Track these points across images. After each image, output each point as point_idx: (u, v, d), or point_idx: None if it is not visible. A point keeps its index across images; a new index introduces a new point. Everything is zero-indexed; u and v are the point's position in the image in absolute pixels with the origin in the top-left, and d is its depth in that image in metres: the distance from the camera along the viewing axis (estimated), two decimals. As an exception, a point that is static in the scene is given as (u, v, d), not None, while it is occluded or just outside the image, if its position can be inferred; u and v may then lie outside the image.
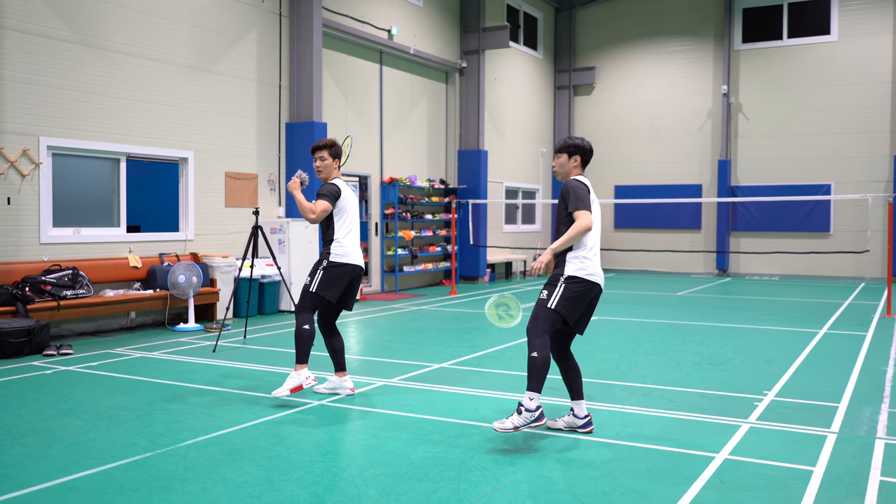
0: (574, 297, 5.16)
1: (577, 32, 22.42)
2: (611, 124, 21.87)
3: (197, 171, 11.68)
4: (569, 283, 5.15)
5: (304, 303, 6.32)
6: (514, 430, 5.02)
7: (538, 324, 5.11)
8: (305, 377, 6.30)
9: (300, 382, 6.29)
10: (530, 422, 5.04)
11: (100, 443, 5.17)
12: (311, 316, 6.32)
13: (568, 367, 5.43)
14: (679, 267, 21.11)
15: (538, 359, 5.01)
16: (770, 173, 19.98)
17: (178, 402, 6.29)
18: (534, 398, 5.03)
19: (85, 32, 10.09)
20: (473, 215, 17.78)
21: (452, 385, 6.97)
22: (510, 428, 5.01)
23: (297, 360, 6.30)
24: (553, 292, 5.15)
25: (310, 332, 6.26)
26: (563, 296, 5.13)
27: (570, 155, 5.40)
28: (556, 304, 5.12)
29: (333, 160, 6.57)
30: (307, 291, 6.31)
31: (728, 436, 5.33)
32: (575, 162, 5.39)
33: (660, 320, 11.43)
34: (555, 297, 5.13)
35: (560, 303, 5.12)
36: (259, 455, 4.89)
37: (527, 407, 5.02)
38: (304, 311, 6.30)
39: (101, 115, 10.31)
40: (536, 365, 5.02)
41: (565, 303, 5.13)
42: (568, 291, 5.15)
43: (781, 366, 7.90)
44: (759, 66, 20.13)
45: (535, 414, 5.03)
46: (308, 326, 6.25)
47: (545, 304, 5.14)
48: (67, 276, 9.58)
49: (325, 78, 14.14)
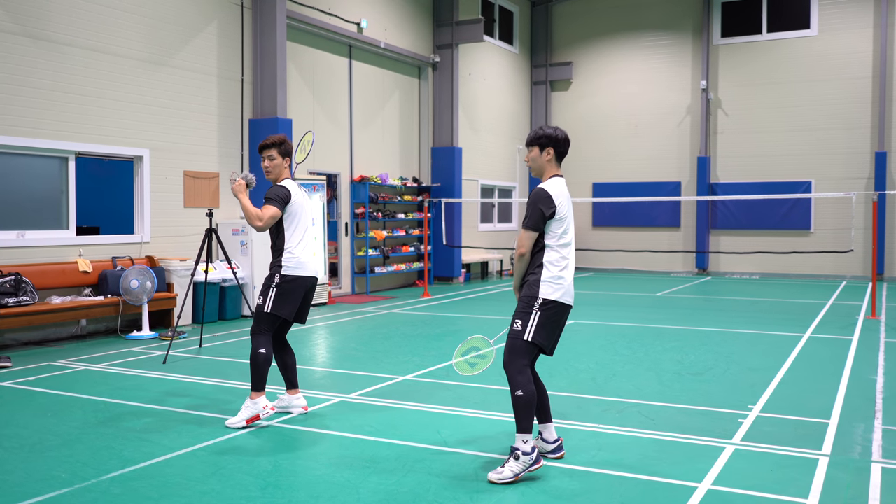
0: (550, 323, 4.64)
1: (554, 27, 21.97)
2: (588, 120, 21.44)
3: (153, 170, 11.09)
4: (544, 310, 4.61)
5: (260, 324, 5.74)
6: (515, 479, 4.48)
7: (516, 358, 4.59)
8: (262, 406, 5.68)
9: (256, 412, 5.66)
10: (529, 466, 4.51)
11: (14, 476, 4.62)
12: (268, 338, 5.74)
13: (535, 389, 4.93)
14: (658, 266, 20.73)
15: (523, 397, 4.51)
16: (750, 170, 19.64)
17: (113, 425, 5.74)
18: (527, 440, 4.51)
19: (29, 23, 9.48)
20: (447, 214, 17.27)
21: (415, 401, 6.46)
22: (510, 477, 4.46)
23: (252, 388, 5.69)
24: (527, 321, 4.61)
25: (266, 356, 5.68)
26: (539, 324, 4.60)
27: (542, 147, 4.78)
28: (532, 335, 4.59)
29: (283, 159, 6.00)
30: (261, 312, 5.76)
31: (711, 461, 4.87)
32: (548, 155, 4.78)
33: (638, 324, 10.99)
34: (530, 327, 4.60)
35: (537, 333, 4.60)
36: (189, 490, 4.37)
37: (523, 451, 4.50)
38: (260, 334, 5.72)
39: (48, 112, 9.70)
40: (522, 403, 4.51)
41: (542, 332, 4.61)
42: (543, 318, 4.61)
43: (766, 375, 7.47)
44: (739, 61, 19.77)
45: (532, 456, 4.51)
46: (264, 350, 5.67)
47: (521, 335, 4.61)
48: (9, 282, 8.98)
49: (291, 72, 13.57)
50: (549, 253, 4.66)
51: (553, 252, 4.66)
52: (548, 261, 4.65)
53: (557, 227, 4.66)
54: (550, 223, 4.65)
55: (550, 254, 4.66)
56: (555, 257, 4.65)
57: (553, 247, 4.66)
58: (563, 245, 4.68)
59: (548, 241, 4.67)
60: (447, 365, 8.01)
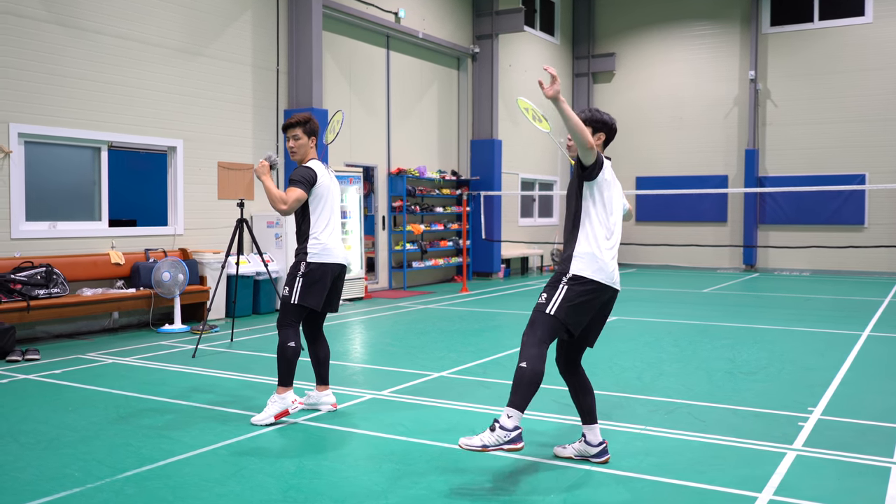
0: (579, 302, 4.26)
1: (597, 17, 21.45)
2: (632, 113, 20.88)
3: (187, 161, 10.91)
4: (573, 284, 4.25)
5: (287, 316, 5.44)
6: (483, 449, 4.04)
7: (535, 330, 4.22)
8: (291, 401, 5.40)
9: (285, 407, 5.37)
10: (503, 443, 4.04)
11: (26, 473, 4.38)
12: (296, 330, 5.44)
13: (577, 385, 4.55)
14: (704, 262, 20.11)
15: (527, 371, 4.10)
16: (801, 163, 18.93)
17: (133, 421, 5.50)
18: (513, 416, 4.07)
19: (61, 11, 9.33)
20: (486, 208, 16.90)
21: (450, 399, 6.13)
22: (478, 446, 4.04)
23: (279, 383, 5.39)
24: (553, 295, 4.26)
25: (295, 349, 5.37)
26: (564, 299, 4.23)
27: (596, 131, 4.46)
28: (555, 309, 4.23)
29: (309, 138, 5.65)
30: (288, 303, 5.46)
31: (771, 468, 4.45)
32: (598, 140, 4.46)
33: (685, 321, 10.53)
34: (555, 300, 4.24)
35: (561, 308, 4.23)
36: (206, 492, 4.09)
37: (502, 425, 4.06)
38: (288, 326, 5.42)
39: (80, 101, 9.55)
40: (524, 378, 4.09)
41: (567, 308, 4.24)
42: (571, 293, 4.25)
43: (825, 375, 6.99)
44: (789, 51, 19.06)
45: (510, 434, 4.05)
46: (293, 343, 5.37)
47: (543, 308, 4.26)
48: (40, 273, 8.84)
49: (328, 62, 13.32)
50: (586, 227, 4.33)
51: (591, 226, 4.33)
52: (583, 233, 4.33)
53: (600, 193, 4.33)
54: (594, 185, 4.32)
55: (587, 228, 4.33)
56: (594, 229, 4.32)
57: (593, 219, 4.33)
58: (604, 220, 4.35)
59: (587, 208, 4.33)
60: (486, 361, 7.67)
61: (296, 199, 5.35)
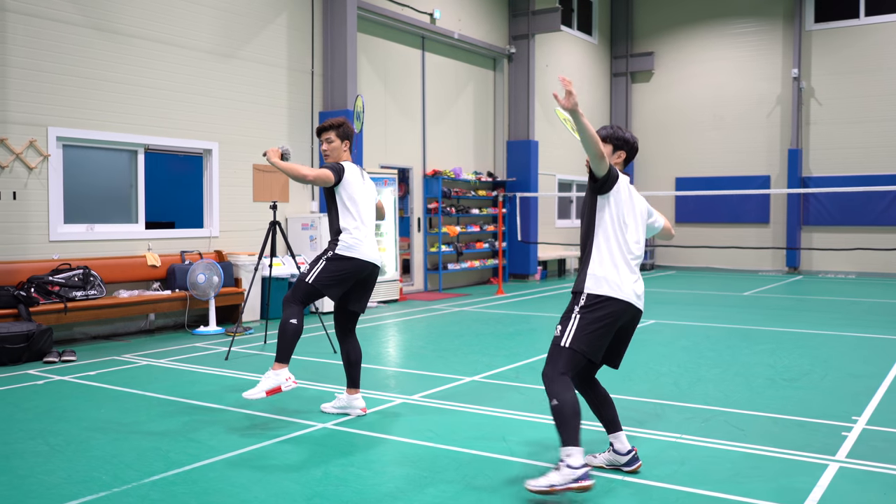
0: (594, 329, 4.06)
1: (635, 16, 21.19)
2: (671, 113, 20.58)
3: (222, 164, 10.96)
4: (585, 312, 4.07)
5: (296, 293, 5.39)
6: (550, 489, 3.91)
7: (555, 365, 4.05)
8: (285, 378, 5.32)
9: (278, 384, 5.29)
10: (571, 481, 3.89)
11: (54, 476, 4.38)
12: (301, 309, 5.37)
13: (596, 398, 4.37)
14: (745, 264, 19.73)
15: (560, 406, 3.94)
16: (845, 163, 18.48)
17: (163, 423, 5.50)
18: (573, 453, 3.91)
19: (97, 15, 9.43)
20: (523, 210, 16.76)
21: (482, 404, 6.03)
22: (545, 486, 3.91)
23: (277, 358, 5.33)
24: (567, 326, 4.08)
25: (296, 328, 5.31)
26: (578, 328, 4.05)
27: (616, 149, 4.37)
28: (570, 340, 4.04)
29: (342, 142, 5.70)
30: (302, 281, 5.41)
31: (813, 480, 4.28)
32: (619, 158, 4.37)
33: (725, 325, 10.30)
34: (569, 332, 4.06)
35: (576, 339, 4.04)
36: (231, 498, 4.04)
37: (568, 463, 3.92)
38: (294, 303, 5.36)
39: (117, 104, 9.64)
40: (564, 413, 3.93)
41: (583, 338, 4.05)
42: (584, 322, 4.06)
43: (870, 383, 6.75)
44: (834, 47, 18.62)
45: (577, 472, 3.89)
46: (295, 321, 5.31)
47: (558, 342, 4.07)
48: (77, 275, 8.93)
49: (363, 64, 13.31)
50: (600, 243, 4.19)
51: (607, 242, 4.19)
52: (596, 249, 4.19)
53: (616, 207, 4.19)
54: (608, 198, 4.18)
55: (600, 244, 4.19)
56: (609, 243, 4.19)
57: (609, 233, 4.19)
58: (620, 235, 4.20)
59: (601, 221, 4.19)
60: (520, 365, 7.55)
61: (322, 173, 5.41)
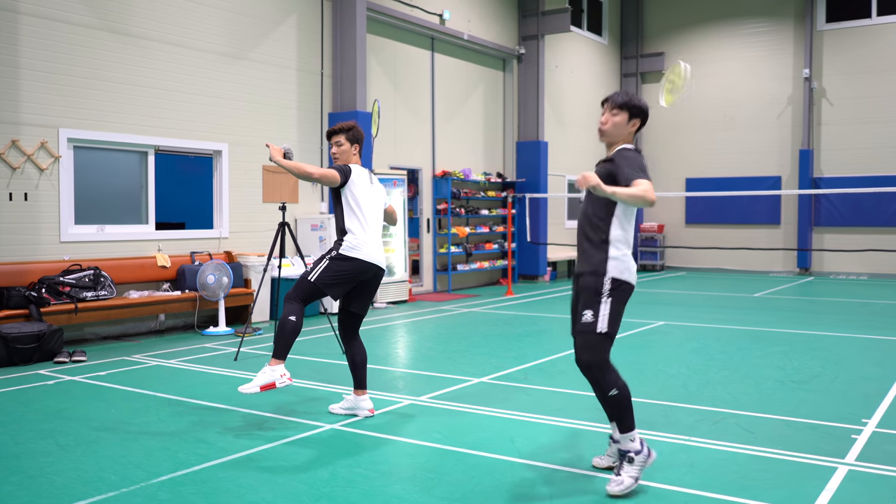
0: (621, 307, 4.18)
1: (645, 16, 21.13)
2: (681, 113, 20.51)
3: (232, 165, 11.00)
4: (615, 293, 4.13)
5: (298, 290, 5.41)
6: (636, 482, 4.07)
7: (596, 355, 4.09)
8: (280, 374, 5.30)
9: (273, 380, 5.26)
10: (644, 463, 4.12)
11: (63, 476, 4.41)
12: (301, 307, 5.38)
13: None
14: (756, 265, 19.65)
15: (618, 395, 4.09)
16: (857, 163, 18.37)
17: (172, 424, 5.52)
18: (634, 438, 4.13)
19: (108, 17, 9.48)
20: (532, 210, 16.74)
21: (489, 406, 6.03)
22: (632, 484, 4.04)
23: (273, 354, 5.33)
24: (598, 310, 4.10)
25: (295, 325, 5.32)
26: (612, 311, 4.11)
27: (632, 116, 4.28)
28: (607, 325, 4.09)
29: (352, 145, 5.74)
30: (304, 278, 5.43)
31: (821, 483, 4.26)
32: (633, 126, 4.29)
33: (735, 326, 10.25)
34: (602, 315, 4.10)
35: (612, 321, 4.11)
36: (239, 499, 4.05)
37: (633, 450, 4.09)
38: (295, 301, 5.39)
39: (127, 106, 9.69)
40: (618, 402, 4.10)
41: (616, 319, 4.14)
42: (615, 303, 4.13)
43: (881, 385, 6.71)
44: (845, 48, 18.52)
45: (644, 452, 4.12)
46: (295, 318, 5.32)
47: (593, 327, 4.09)
48: (88, 276, 8.98)
49: (372, 65, 13.32)
50: (616, 230, 4.18)
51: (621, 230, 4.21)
52: (614, 238, 4.18)
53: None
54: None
55: (617, 231, 4.18)
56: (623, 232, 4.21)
57: (622, 222, 4.20)
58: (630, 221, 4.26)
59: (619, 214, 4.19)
60: (528, 367, 7.54)
61: (329, 172, 5.45)
